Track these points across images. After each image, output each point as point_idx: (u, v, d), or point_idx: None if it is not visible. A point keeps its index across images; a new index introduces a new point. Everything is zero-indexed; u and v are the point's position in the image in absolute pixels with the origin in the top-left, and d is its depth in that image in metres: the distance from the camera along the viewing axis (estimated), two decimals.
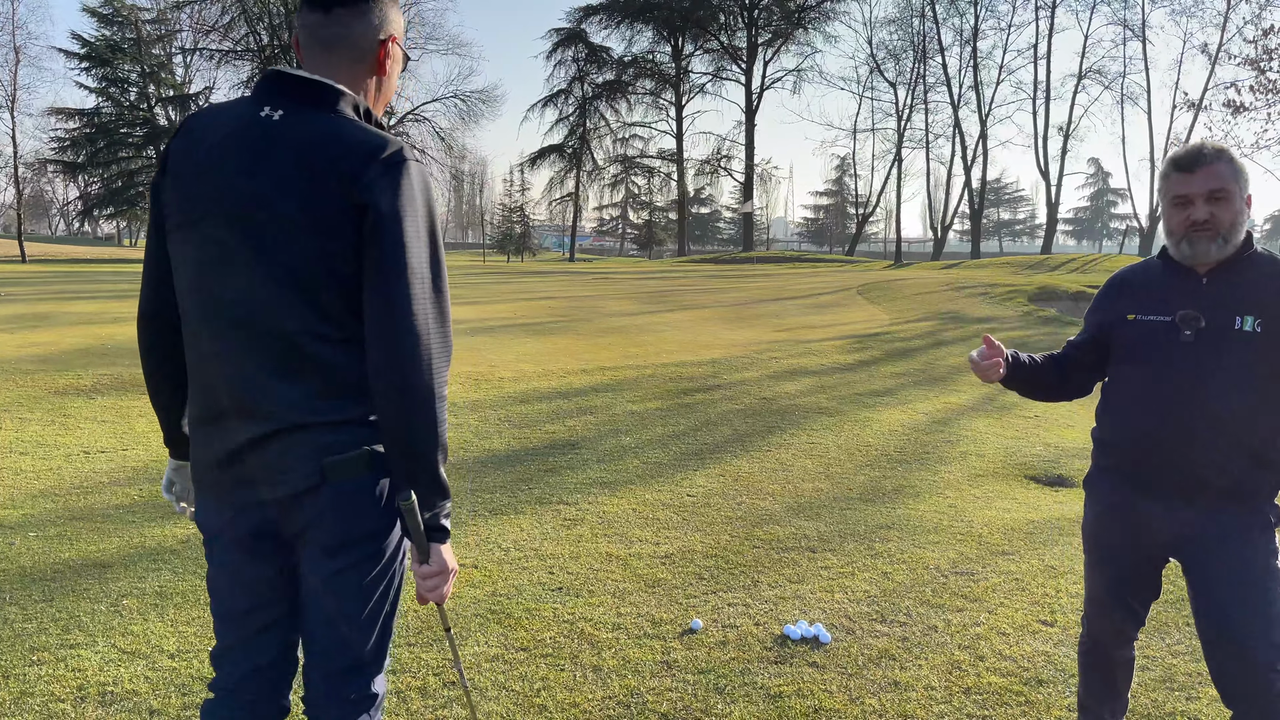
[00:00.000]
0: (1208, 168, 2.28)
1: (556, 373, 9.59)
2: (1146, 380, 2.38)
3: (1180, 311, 2.34)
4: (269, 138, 1.70)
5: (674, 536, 4.97)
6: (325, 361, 1.72)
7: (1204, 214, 2.29)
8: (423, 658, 3.47)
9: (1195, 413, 2.29)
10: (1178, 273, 2.40)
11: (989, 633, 3.82)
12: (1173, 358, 2.33)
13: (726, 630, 3.79)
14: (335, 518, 1.77)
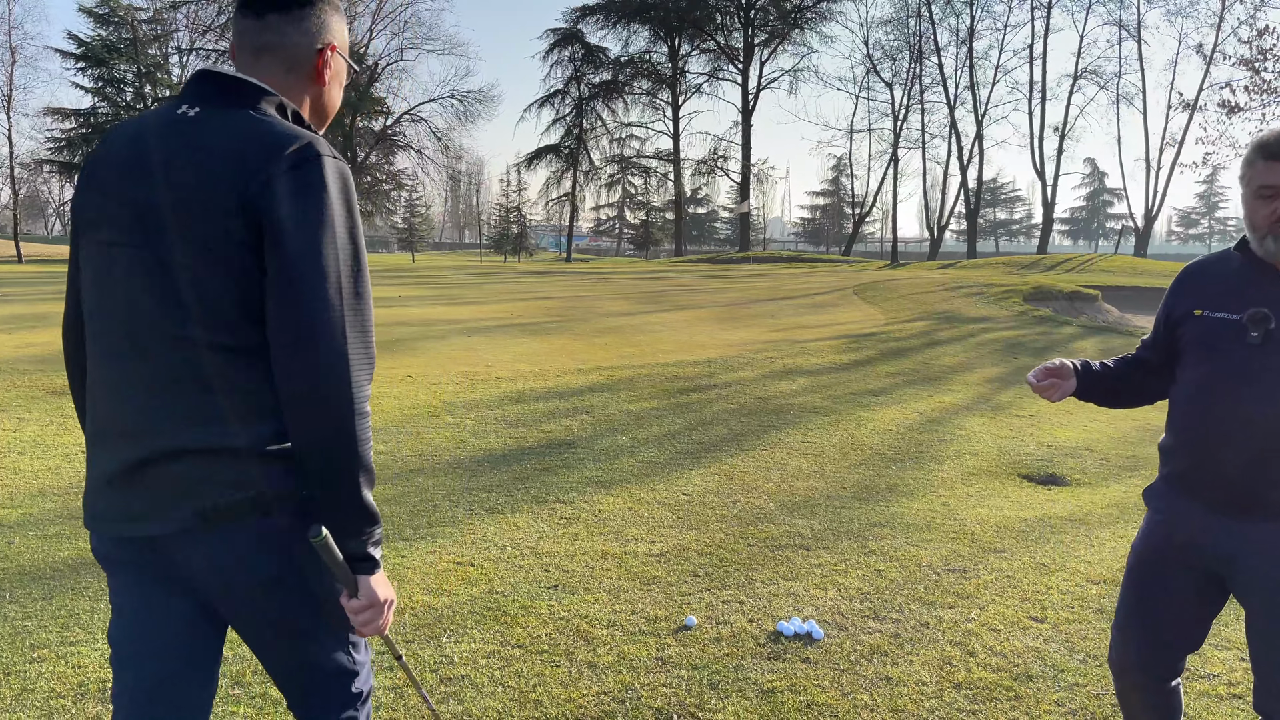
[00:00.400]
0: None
1: (553, 372, 9.63)
2: (1205, 382, 2.20)
3: (1251, 310, 2.13)
4: (178, 137, 1.59)
5: (669, 534, 5.01)
6: (222, 378, 1.56)
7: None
8: (420, 654, 3.51)
9: (1253, 421, 2.10)
10: (1256, 269, 2.18)
11: (980, 629, 3.86)
12: (1234, 360, 2.14)
13: (720, 627, 3.83)
14: (222, 566, 1.60)
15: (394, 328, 12.53)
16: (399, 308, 15.26)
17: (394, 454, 6.50)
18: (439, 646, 3.57)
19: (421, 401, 8.05)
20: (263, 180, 1.51)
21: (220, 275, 1.53)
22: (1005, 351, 11.85)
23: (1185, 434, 2.26)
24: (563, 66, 53.93)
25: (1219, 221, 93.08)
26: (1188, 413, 2.26)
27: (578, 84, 54.00)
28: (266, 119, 1.61)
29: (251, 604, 1.66)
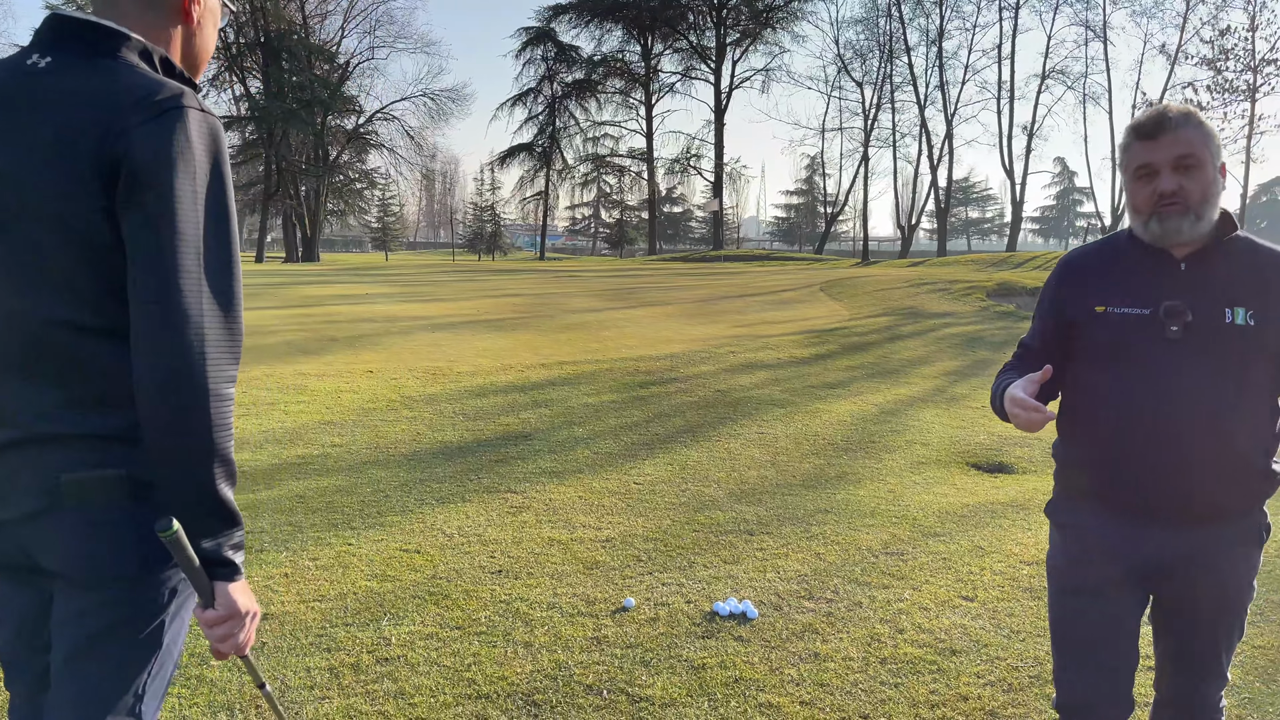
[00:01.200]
0: (1174, 134, 1.93)
1: (515, 367, 9.68)
2: (1127, 386, 1.99)
3: (1166, 303, 1.95)
4: (26, 92, 1.42)
5: (616, 522, 5.08)
6: (84, 359, 1.42)
7: (1172, 185, 1.93)
8: (358, 636, 3.56)
9: (1187, 421, 1.93)
10: (1151, 257, 2.02)
11: (911, 607, 3.96)
12: (1157, 358, 1.96)
13: (658, 608, 3.91)
14: (71, 551, 1.43)
15: (358, 324, 12.53)
16: (365, 305, 15.24)
17: (348, 447, 6.53)
18: (378, 629, 3.63)
19: (380, 395, 8.08)
20: (121, 137, 1.35)
21: (78, 248, 1.38)
22: (965, 346, 12.02)
23: (1103, 443, 2.03)
24: (535, 65, 53.92)
25: None
26: (1104, 419, 2.03)
27: (550, 83, 53.99)
28: (128, 67, 1.44)
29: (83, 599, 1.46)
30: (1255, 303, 1.94)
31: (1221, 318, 1.94)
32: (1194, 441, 1.94)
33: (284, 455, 6.28)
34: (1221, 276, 1.98)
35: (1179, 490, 1.98)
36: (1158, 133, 1.95)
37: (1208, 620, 2.09)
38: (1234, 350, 1.93)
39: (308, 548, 4.53)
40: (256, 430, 6.94)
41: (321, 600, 3.90)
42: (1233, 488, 1.99)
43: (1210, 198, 1.96)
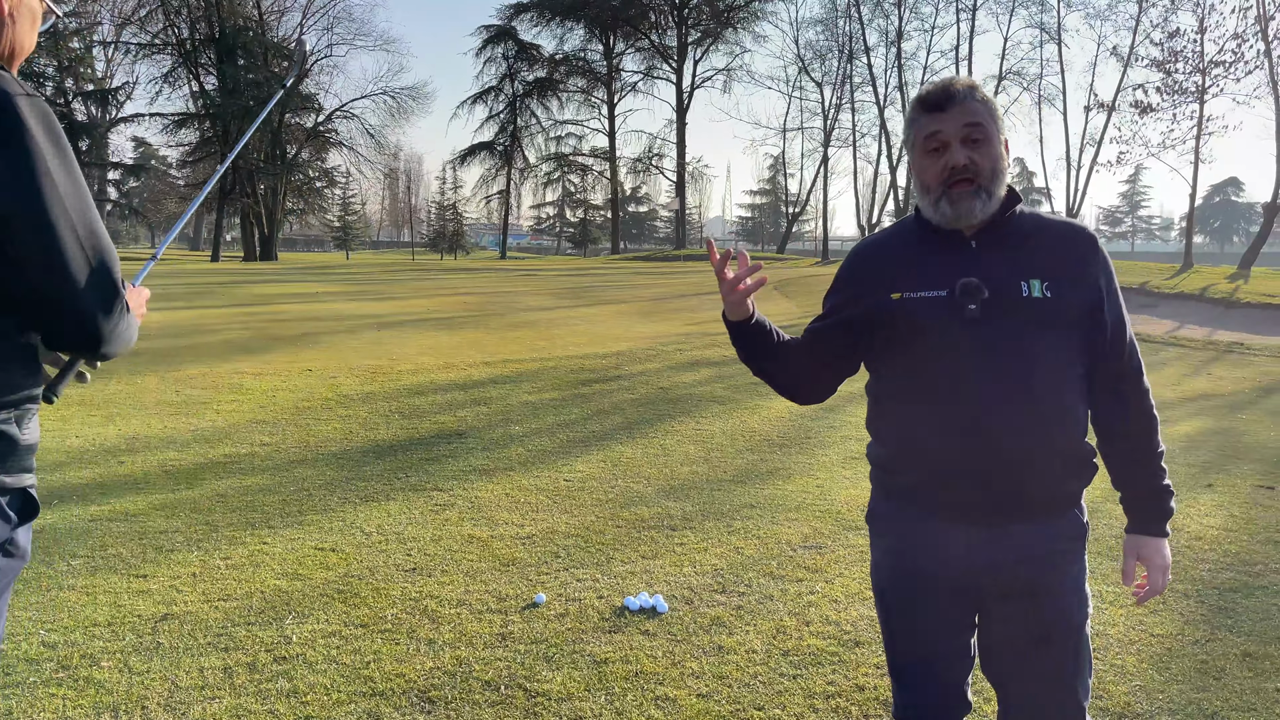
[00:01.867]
0: (960, 105, 1.85)
1: (458, 365, 9.63)
2: (931, 371, 1.87)
3: (960, 281, 1.84)
4: None
5: (540, 518, 5.07)
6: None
7: (962, 158, 1.83)
8: (259, 635, 3.52)
9: (995, 400, 1.81)
10: (940, 238, 1.91)
11: (821, 600, 3.99)
12: (960, 341, 1.83)
13: (569, 604, 3.90)
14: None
15: (303, 323, 12.40)
16: (313, 304, 15.09)
17: (277, 445, 6.46)
18: (280, 628, 3.59)
19: (316, 394, 7.99)
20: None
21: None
22: None
23: (910, 439, 1.92)
24: (496, 64, 53.71)
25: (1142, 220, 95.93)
26: (909, 414, 1.91)
27: (511, 81, 53.79)
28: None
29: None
30: (1049, 274, 1.86)
31: (1018, 291, 1.84)
32: (1003, 421, 1.81)
33: (210, 454, 6.19)
34: (1013, 251, 1.89)
35: (995, 481, 1.83)
36: (946, 104, 1.86)
37: (1046, 640, 1.90)
38: (1035, 325, 1.84)
39: (221, 547, 4.47)
40: (186, 429, 6.84)
41: (227, 600, 3.85)
42: (1048, 470, 1.85)
43: (999, 173, 1.87)
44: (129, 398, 7.78)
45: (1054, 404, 1.85)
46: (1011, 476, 1.84)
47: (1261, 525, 5.11)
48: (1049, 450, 1.84)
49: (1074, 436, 1.88)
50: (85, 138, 46.85)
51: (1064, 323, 1.85)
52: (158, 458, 6.06)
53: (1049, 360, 1.84)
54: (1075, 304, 1.87)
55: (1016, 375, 1.82)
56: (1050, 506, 1.90)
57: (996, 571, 1.89)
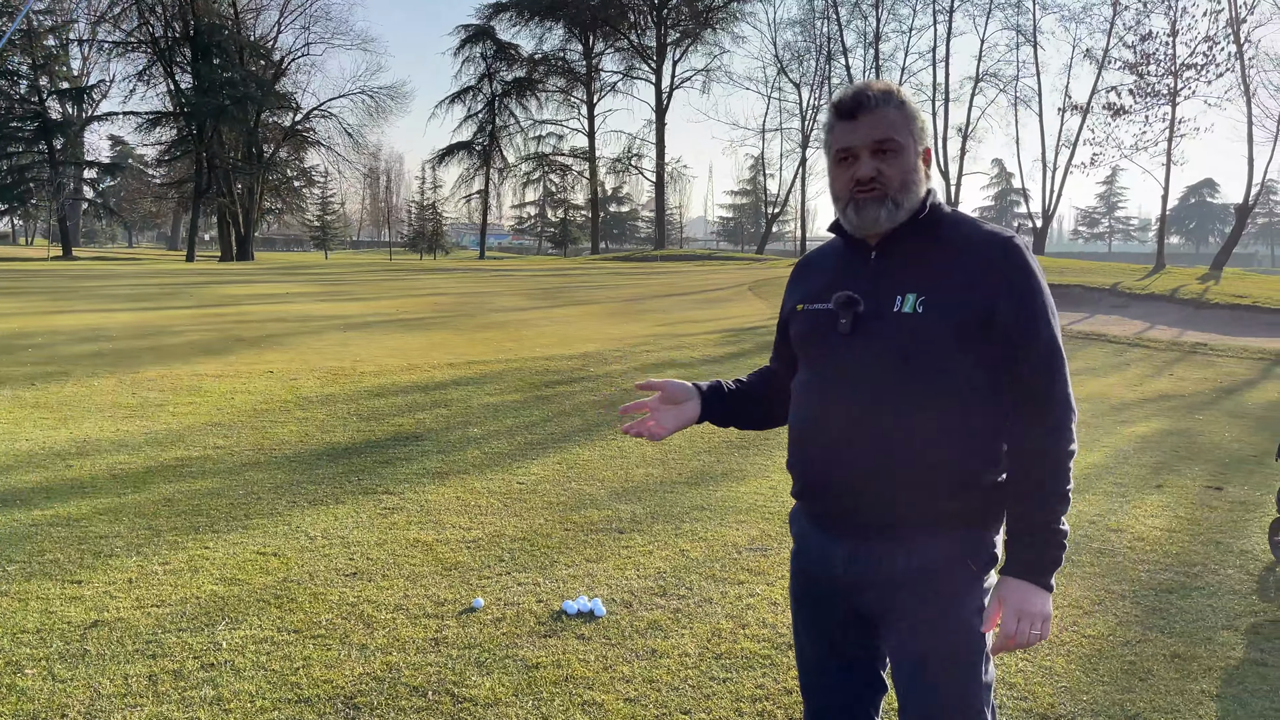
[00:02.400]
0: (873, 113, 1.80)
1: (421, 367, 9.59)
2: (807, 384, 1.90)
3: (837, 294, 1.84)
4: None
5: (488, 522, 5.05)
6: None
7: (869, 170, 1.79)
8: (189, 642, 3.49)
9: (849, 419, 1.79)
10: (850, 248, 1.91)
11: (760, 603, 3.99)
12: (829, 354, 1.84)
13: (507, 608, 3.89)
14: None
15: (268, 324, 12.32)
16: (281, 304, 14.99)
17: (231, 449, 6.41)
18: (211, 634, 3.56)
19: (275, 396, 7.94)
20: None
21: None
22: None
23: (792, 445, 1.93)
24: (474, 63, 53.58)
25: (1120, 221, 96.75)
26: (792, 421, 1.95)
27: (490, 81, 53.66)
28: None
29: None
30: (928, 287, 1.76)
31: (890, 306, 1.78)
32: (853, 441, 1.78)
33: (162, 457, 6.14)
34: (902, 262, 1.83)
35: (849, 495, 1.81)
36: (857, 111, 1.81)
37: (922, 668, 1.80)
38: (899, 341, 1.75)
39: (161, 552, 4.43)
40: (139, 431, 6.78)
41: (160, 605, 3.81)
42: (910, 496, 1.77)
43: (910, 184, 1.81)
44: (83, 400, 7.71)
45: (917, 421, 1.75)
46: (865, 493, 1.79)
47: (1206, 526, 5.16)
48: (907, 468, 1.76)
49: (945, 455, 1.76)
50: (59, 136, 46.44)
51: (939, 338, 1.74)
52: (107, 461, 6.00)
53: (917, 378, 1.75)
54: (955, 319, 1.74)
55: (873, 393, 1.77)
56: (921, 527, 1.79)
57: (871, 589, 1.84)
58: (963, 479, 1.78)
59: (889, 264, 1.84)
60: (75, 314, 13.70)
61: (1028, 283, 1.77)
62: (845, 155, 1.83)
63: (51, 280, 21.98)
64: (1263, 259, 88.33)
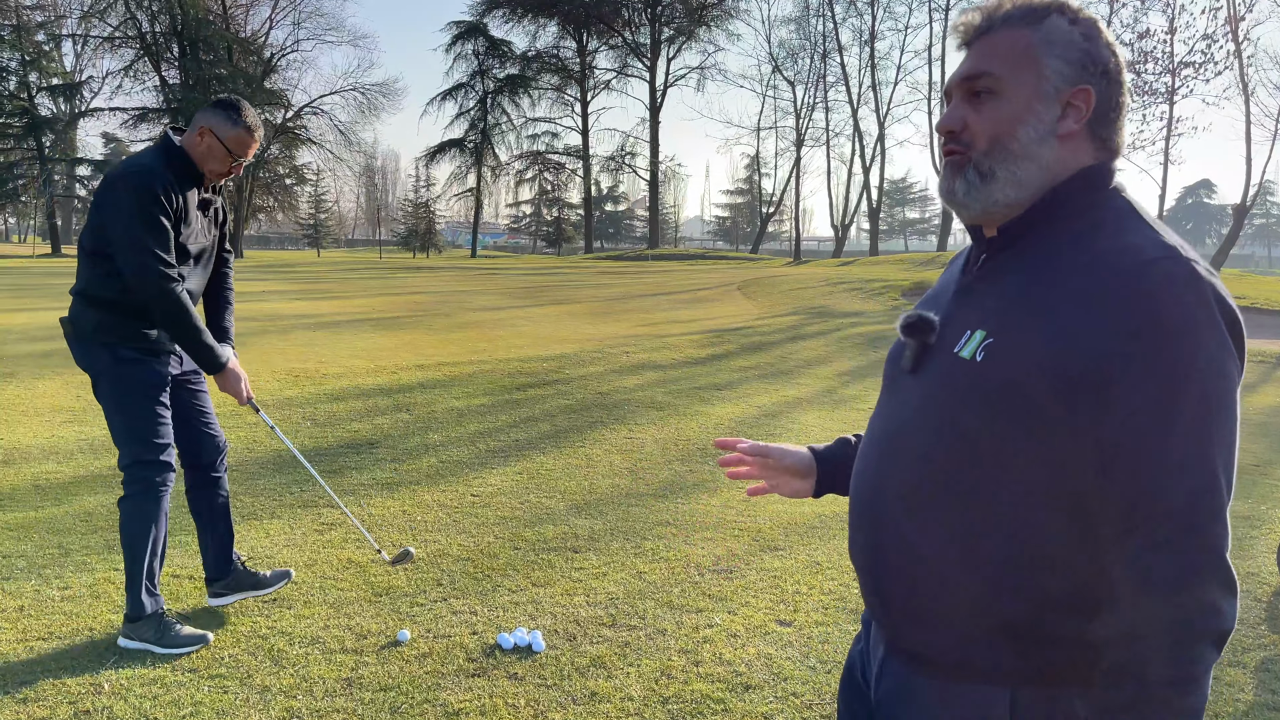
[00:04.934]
0: (989, 37, 1.25)
1: (388, 369, 9.19)
2: (868, 429, 1.42)
3: (904, 316, 1.32)
4: None
5: (433, 539, 4.66)
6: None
7: (952, 120, 1.26)
8: (68, 684, 3.09)
9: (887, 485, 1.28)
10: (975, 249, 1.33)
11: (718, 635, 3.60)
12: (889, 393, 1.37)
13: (435, 641, 3.50)
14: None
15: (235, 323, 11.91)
16: (254, 303, 14.59)
17: None
18: (95, 674, 3.16)
19: (225, 400, 7.52)
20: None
21: None
22: (866, 345, 11.80)
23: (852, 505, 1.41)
24: (466, 60, 53.08)
25: None
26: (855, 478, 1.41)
27: (482, 78, 53.20)
28: None
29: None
30: (1007, 324, 1.17)
31: (953, 344, 1.22)
32: (887, 518, 1.27)
33: (92, 466, 5.74)
34: (998, 275, 1.25)
35: (873, 585, 1.31)
36: (969, 38, 1.28)
37: None
38: (952, 396, 1.20)
39: (65, 574, 4.03)
40: (74, 438, 6.38)
41: (47, 639, 3.42)
42: (926, 609, 1.23)
43: (1006, 144, 1.22)
44: (22, 403, 7.30)
45: (937, 510, 1.20)
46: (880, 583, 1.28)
47: None
48: (919, 573, 1.22)
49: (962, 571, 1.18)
50: (49, 132, 45.90)
51: (1001, 405, 1.14)
52: (33, 470, 5.60)
53: (958, 459, 1.18)
54: (1028, 381, 1.12)
55: (910, 466, 1.24)
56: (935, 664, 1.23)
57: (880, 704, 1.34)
58: (1006, 622, 1.16)
59: (987, 276, 1.27)
60: (33, 312, 13.27)
61: (1162, 340, 1.06)
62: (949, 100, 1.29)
63: (20, 278, 21.55)
64: (1260, 260, 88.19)
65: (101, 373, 3.30)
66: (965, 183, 1.24)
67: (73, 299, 3.35)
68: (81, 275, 3.32)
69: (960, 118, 1.25)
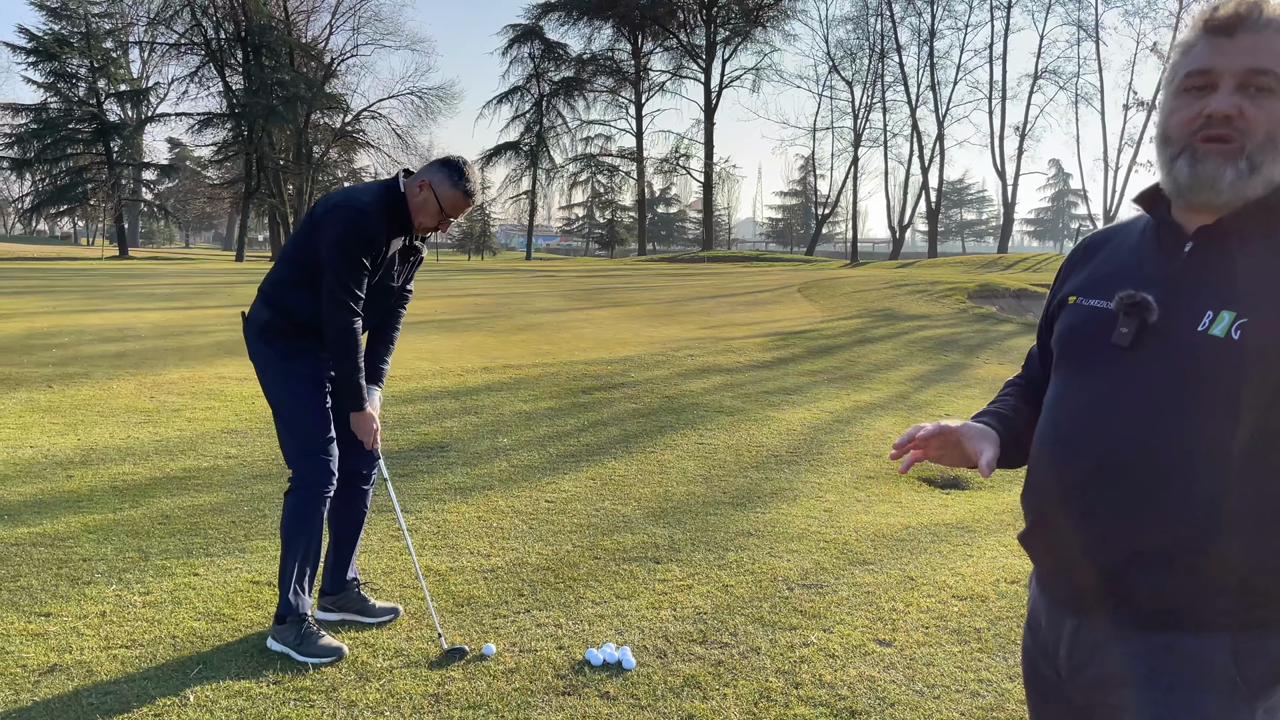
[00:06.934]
0: (1259, 35, 1.27)
1: (453, 371, 9.14)
2: (1062, 404, 1.43)
3: (1121, 293, 1.36)
4: None
5: (510, 547, 4.55)
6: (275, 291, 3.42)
7: (1229, 105, 1.27)
8: (152, 693, 3.02)
9: (1116, 461, 1.31)
10: (1159, 231, 1.40)
11: (815, 654, 3.43)
12: (1099, 370, 1.37)
13: (522, 655, 3.38)
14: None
15: None
16: None
17: (243, 459, 5.99)
18: (180, 683, 3.09)
19: None
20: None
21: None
22: (936, 349, 11.50)
23: (1030, 476, 1.46)
24: (522, 63, 53.36)
25: None
26: (1036, 446, 1.46)
27: (538, 81, 53.43)
28: None
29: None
30: (1259, 307, 1.24)
31: (1194, 323, 1.28)
32: (1121, 491, 1.30)
33: (168, 467, 5.74)
34: (1228, 262, 1.29)
35: (1103, 562, 1.32)
36: (1235, 28, 1.29)
37: None
38: (1205, 373, 1.26)
39: (145, 579, 3.99)
40: (150, 439, 6.40)
41: (131, 646, 3.36)
42: (1181, 577, 1.27)
43: (1278, 144, 1.27)
44: (99, 403, 7.36)
45: (1199, 481, 1.25)
46: (1113, 561, 1.32)
47: None
48: (1174, 539, 1.27)
49: (1235, 537, 1.24)
50: (116, 138, 47.11)
51: (1257, 381, 1.22)
52: (110, 472, 5.61)
53: (1217, 425, 1.25)
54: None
55: (1153, 433, 1.29)
56: (1178, 619, 1.31)
57: (1096, 683, 1.39)
58: (1248, 580, 1.26)
59: (1209, 262, 1.32)
60: (106, 313, 13.50)
61: None
62: (1200, 81, 1.30)
63: (92, 279, 22.04)
64: None
65: (265, 366, 3.41)
66: (1236, 171, 1.27)
67: (257, 294, 3.46)
68: (271, 276, 3.43)
69: (1238, 104, 1.27)
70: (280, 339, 3.39)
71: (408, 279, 3.67)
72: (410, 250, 3.56)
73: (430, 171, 3.40)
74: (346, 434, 3.51)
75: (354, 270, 3.27)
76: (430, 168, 3.42)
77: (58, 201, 47.56)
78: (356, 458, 3.60)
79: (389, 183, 3.42)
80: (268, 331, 3.39)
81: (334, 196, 3.36)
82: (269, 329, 3.39)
